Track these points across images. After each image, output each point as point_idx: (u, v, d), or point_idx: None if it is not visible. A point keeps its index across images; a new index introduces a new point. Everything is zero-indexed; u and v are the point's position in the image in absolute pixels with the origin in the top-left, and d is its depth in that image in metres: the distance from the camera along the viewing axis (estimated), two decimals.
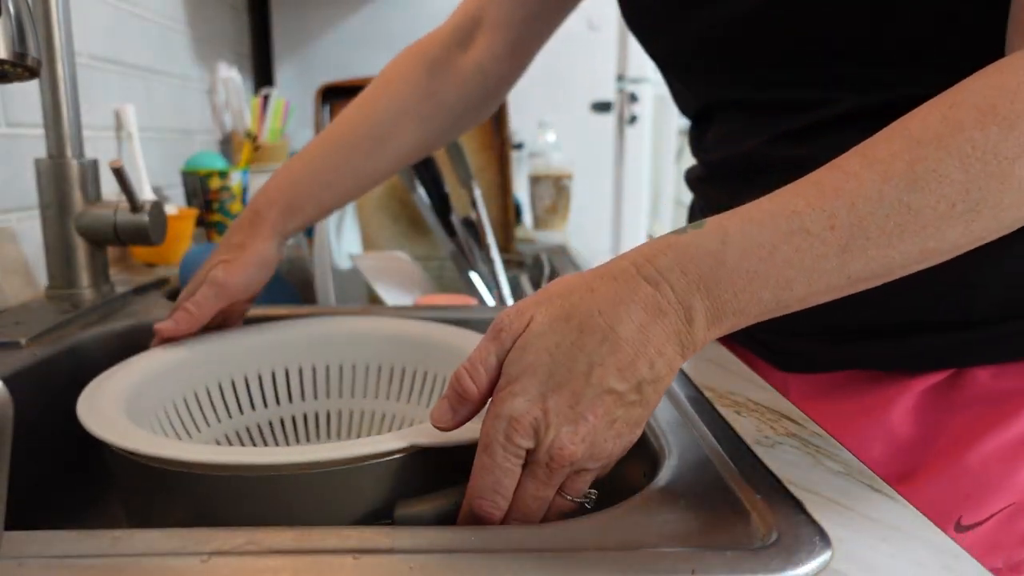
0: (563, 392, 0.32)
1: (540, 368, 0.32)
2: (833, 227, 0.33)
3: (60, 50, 0.63)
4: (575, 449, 0.32)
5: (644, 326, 0.32)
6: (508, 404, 0.33)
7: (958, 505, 0.49)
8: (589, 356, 0.32)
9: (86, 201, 0.66)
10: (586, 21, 1.76)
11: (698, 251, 0.33)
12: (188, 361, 0.52)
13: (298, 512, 0.36)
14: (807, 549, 0.29)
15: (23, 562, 0.28)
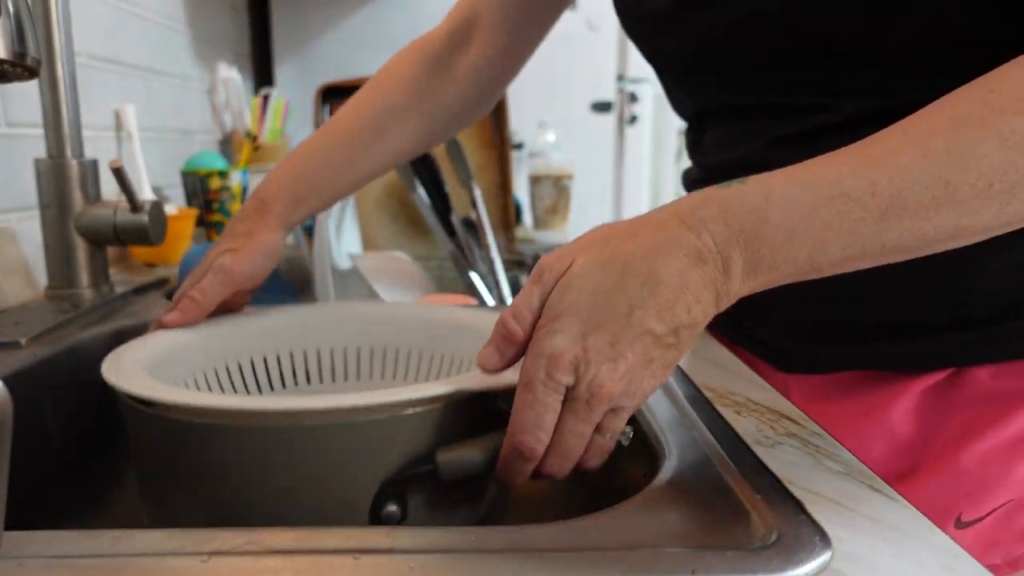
0: (603, 331, 0.33)
1: (581, 308, 0.33)
2: (874, 194, 0.34)
3: (60, 50, 0.63)
4: (614, 386, 0.33)
5: (684, 272, 0.33)
6: (548, 341, 0.33)
7: (958, 502, 0.50)
8: (630, 298, 0.33)
9: (86, 201, 0.66)
10: (586, 21, 1.76)
11: (741, 206, 0.34)
12: (206, 338, 0.52)
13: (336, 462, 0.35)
14: (807, 549, 0.29)
15: (23, 562, 0.28)
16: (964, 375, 0.50)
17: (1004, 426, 0.49)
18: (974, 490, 0.49)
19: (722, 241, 0.34)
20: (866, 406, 0.53)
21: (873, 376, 0.54)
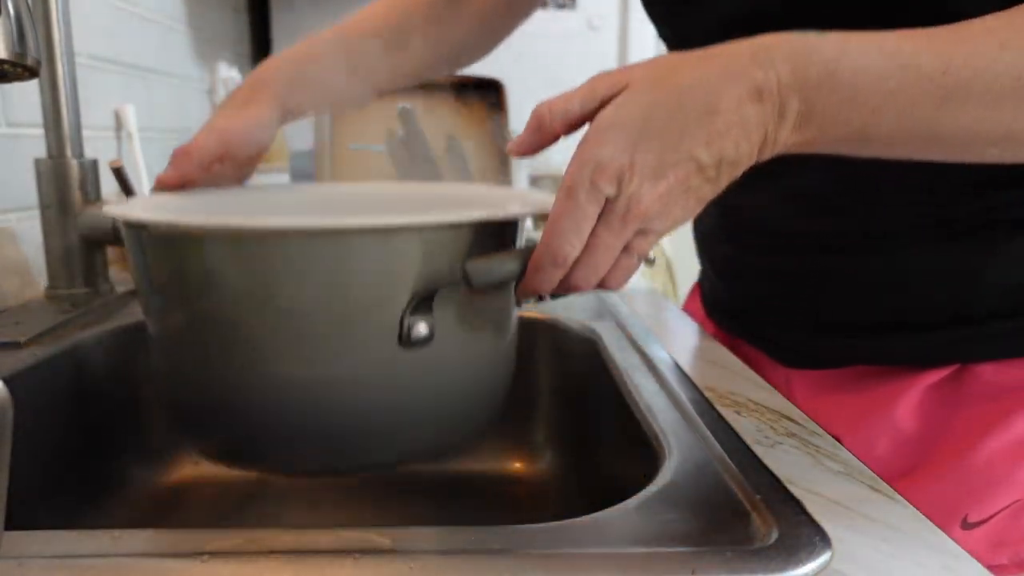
0: (652, 149, 0.33)
1: (634, 123, 0.33)
2: (945, 72, 0.33)
3: (60, 50, 0.63)
4: (651, 205, 0.34)
5: (742, 106, 0.33)
6: (597, 150, 0.33)
7: (964, 502, 0.50)
8: (683, 121, 0.33)
9: (86, 201, 0.66)
10: (586, 21, 1.76)
11: (815, 54, 0.33)
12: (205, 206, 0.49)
13: (360, 281, 0.35)
14: (807, 549, 0.29)
15: (23, 562, 0.28)
16: (968, 371, 0.50)
17: (1010, 425, 0.49)
18: (981, 490, 0.49)
19: (786, 84, 0.33)
20: (870, 402, 0.53)
21: (876, 371, 0.54)
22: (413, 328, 0.35)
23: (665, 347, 0.57)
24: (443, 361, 0.38)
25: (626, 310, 0.68)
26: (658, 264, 2.23)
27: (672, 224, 0.35)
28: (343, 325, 0.35)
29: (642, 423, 0.44)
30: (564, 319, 0.64)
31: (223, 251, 0.35)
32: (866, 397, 0.54)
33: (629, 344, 0.58)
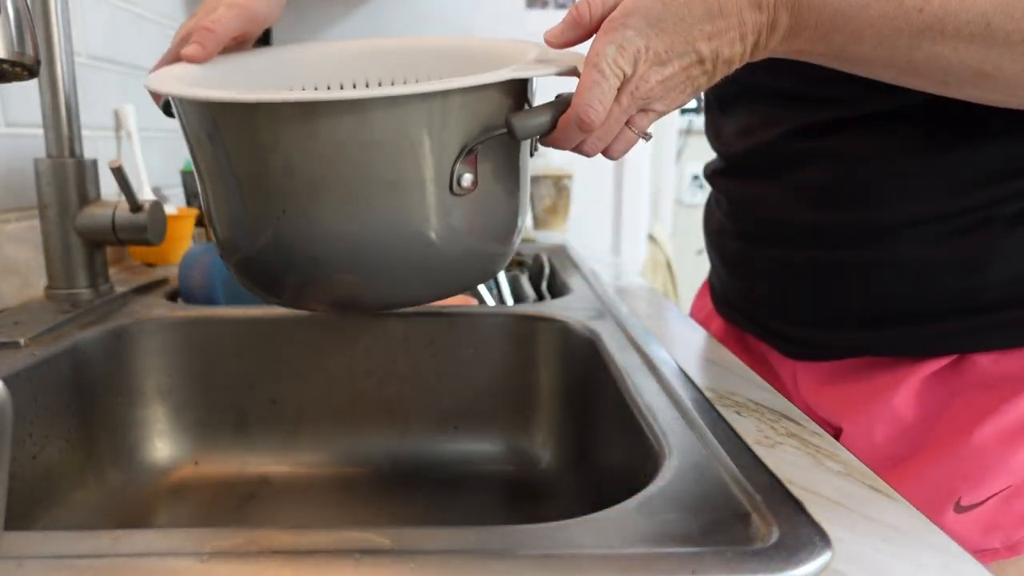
0: (663, 39, 0.39)
1: (652, 13, 0.39)
2: (922, 10, 0.38)
3: (59, 49, 0.63)
4: (656, 87, 0.40)
5: (743, 11, 0.39)
6: (620, 32, 0.39)
7: (957, 486, 0.50)
8: (692, 18, 0.38)
9: (85, 201, 0.66)
10: None
11: None
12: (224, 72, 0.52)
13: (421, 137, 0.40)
14: (807, 550, 0.29)
15: (23, 562, 0.28)
16: (967, 361, 0.51)
17: (1005, 412, 0.49)
18: (974, 474, 0.50)
19: (780, 2, 0.39)
20: (870, 390, 0.54)
21: (879, 362, 0.54)
22: (462, 177, 0.42)
23: (665, 347, 0.57)
24: (479, 206, 0.44)
25: (626, 310, 0.68)
26: (658, 264, 2.23)
27: (670, 106, 0.41)
28: (406, 177, 0.41)
29: (642, 423, 0.44)
30: (564, 319, 0.64)
31: (312, 122, 0.39)
32: (867, 386, 0.54)
33: (629, 344, 0.58)
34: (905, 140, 0.49)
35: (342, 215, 0.42)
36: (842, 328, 0.55)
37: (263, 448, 0.64)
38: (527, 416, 0.65)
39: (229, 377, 0.64)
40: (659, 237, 2.24)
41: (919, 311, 0.51)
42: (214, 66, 0.51)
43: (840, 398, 0.56)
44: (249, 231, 0.44)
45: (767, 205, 0.58)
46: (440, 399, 0.66)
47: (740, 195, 0.62)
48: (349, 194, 0.41)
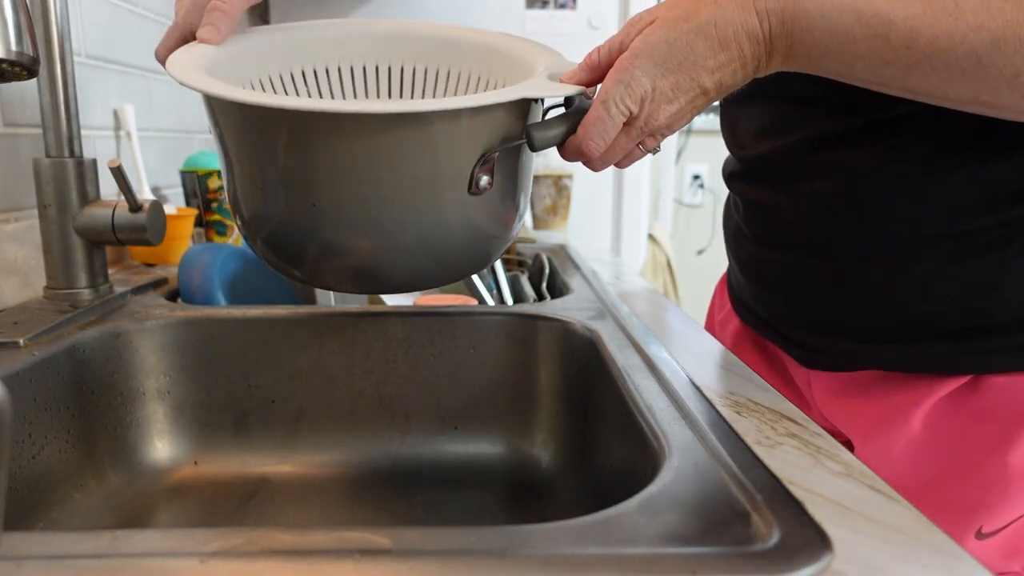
0: (670, 78, 0.42)
1: (658, 54, 0.41)
2: (909, 47, 0.39)
3: (59, 49, 0.63)
4: (663, 121, 0.44)
5: (741, 43, 0.41)
6: (628, 73, 0.42)
7: (979, 515, 0.50)
8: (696, 55, 0.41)
9: (84, 201, 0.65)
10: (586, 21, 1.76)
11: (800, 13, 0.40)
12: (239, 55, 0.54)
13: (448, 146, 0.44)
14: (808, 550, 0.29)
15: (22, 562, 0.28)
16: (983, 383, 0.50)
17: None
18: (996, 502, 0.49)
19: (776, 34, 0.41)
20: (886, 410, 0.53)
21: (894, 377, 0.54)
22: (480, 180, 0.46)
23: (665, 347, 0.57)
24: (492, 201, 0.48)
25: (626, 310, 0.68)
26: (658, 264, 2.23)
27: (676, 130, 0.45)
28: (431, 180, 0.45)
29: (642, 423, 0.44)
30: (565, 319, 0.64)
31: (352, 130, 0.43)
32: (883, 404, 0.54)
33: (629, 344, 0.57)
34: (919, 156, 0.48)
35: (368, 211, 0.45)
36: (855, 340, 0.55)
37: (263, 448, 0.64)
38: (527, 416, 0.65)
39: (229, 377, 0.64)
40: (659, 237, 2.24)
41: (932, 329, 0.51)
42: (226, 45, 0.53)
43: (854, 412, 0.56)
44: (277, 217, 0.48)
45: (780, 212, 0.58)
46: (440, 399, 0.66)
47: (754, 200, 0.62)
48: (377, 194, 0.45)
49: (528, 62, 0.53)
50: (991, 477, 0.49)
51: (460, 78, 0.59)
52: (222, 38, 0.52)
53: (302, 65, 0.58)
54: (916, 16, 0.38)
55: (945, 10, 0.38)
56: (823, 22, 0.40)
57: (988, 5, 0.37)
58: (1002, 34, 0.37)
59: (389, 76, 0.60)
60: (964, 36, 0.38)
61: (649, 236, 2.21)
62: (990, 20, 0.37)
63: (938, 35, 0.38)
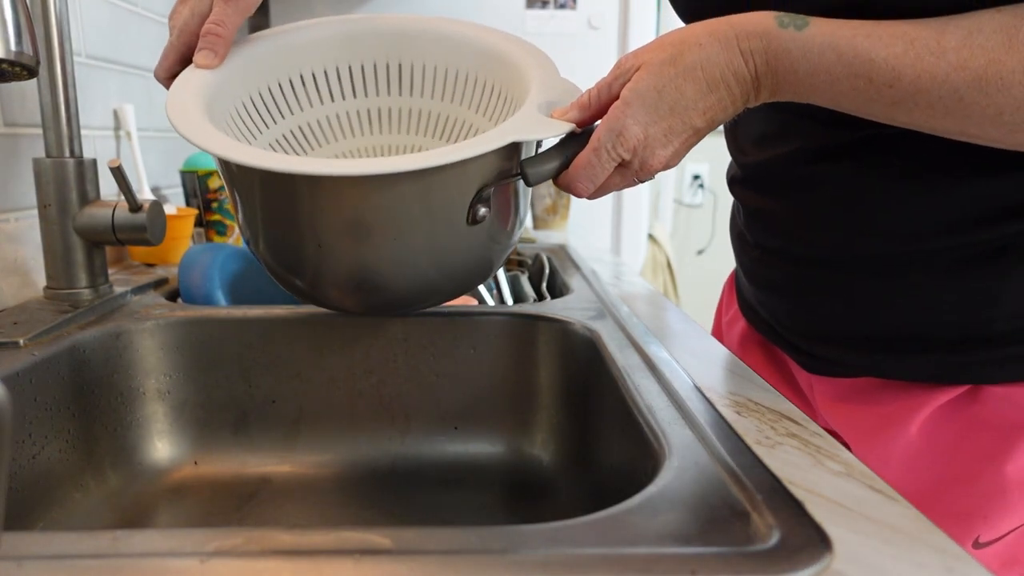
0: (662, 124, 0.43)
1: (648, 101, 0.42)
2: (892, 86, 0.39)
3: (59, 49, 0.63)
4: (659, 164, 0.45)
5: (729, 84, 0.42)
6: (621, 120, 0.43)
7: (976, 525, 0.50)
8: (686, 100, 0.42)
9: (85, 201, 0.65)
10: (586, 21, 1.76)
11: (783, 52, 0.41)
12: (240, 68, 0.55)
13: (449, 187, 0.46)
14: (808, 550, 0.29)
15: (22, 562, 0.28)
16: (981, 392, 0.50)
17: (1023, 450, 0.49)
18: (994, 512, 0.49)
19: (761, 73, 0.42)
20: (885, 417, 0.54)
21: (893, 385, 0.54)
22: (477, 212, 0.48)
23: (665, 347, 0.57)
24: (492, 225, 0.50)
25: (626, 310, 0.68)
26: (658, 264, 2.23)
27: (672, 167, 0.46)
28: (430, 220, 0.48)
29: (642, 423, 0.44)
30: (564, 319, 0.64)
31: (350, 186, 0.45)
32: (881, 411, 0.54)
33: (629, 344, 0.57)
34: (916, 171, 0.48)
35: (370, 251, 0.47)
36: (855, 348, 0.55)
37: (263, 448, 0.64)
38: (527, 416, 0.65)
39: (229, 377, 0.64)
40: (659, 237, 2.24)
41: (931, 339, 0.51)
42: (225, 61, 0.54)
43: (854, 418, 0.56)
44: (284, 256, 0.51)
45: (779, 221, 0.58)
46: (440, 399, 0.66)
47: (755, 207, 0.61)
48: (378, 235, 0.47)
49: (519, 68, 0.54)
50: (988, 487, 0.49)
51: (458, 77, 0.60)
52: (220, 62, 0.53)
53: (301, 70, 0.59)
54: (898, 55, 0.38)
55: (927, 49, 0.38)
56: (805, 62, 0.40)
57: (970, 43, 0.37)
58: (984, 73, 0.37)
59: (388, 73, 0.60)
60: (946, 75, 0.38)
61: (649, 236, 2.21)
62: (972, 59, 0.37)
63: (920, 74, 0.38)
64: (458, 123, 0.61)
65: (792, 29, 0.41)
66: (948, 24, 0.38)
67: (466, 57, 0.58)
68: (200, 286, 0.72)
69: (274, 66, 0.57)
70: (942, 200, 0.47)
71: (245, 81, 0.55)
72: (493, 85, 0.57)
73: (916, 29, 0.39)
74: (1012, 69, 0.37)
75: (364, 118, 0.62)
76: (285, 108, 0.59)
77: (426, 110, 0.61)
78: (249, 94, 0.56)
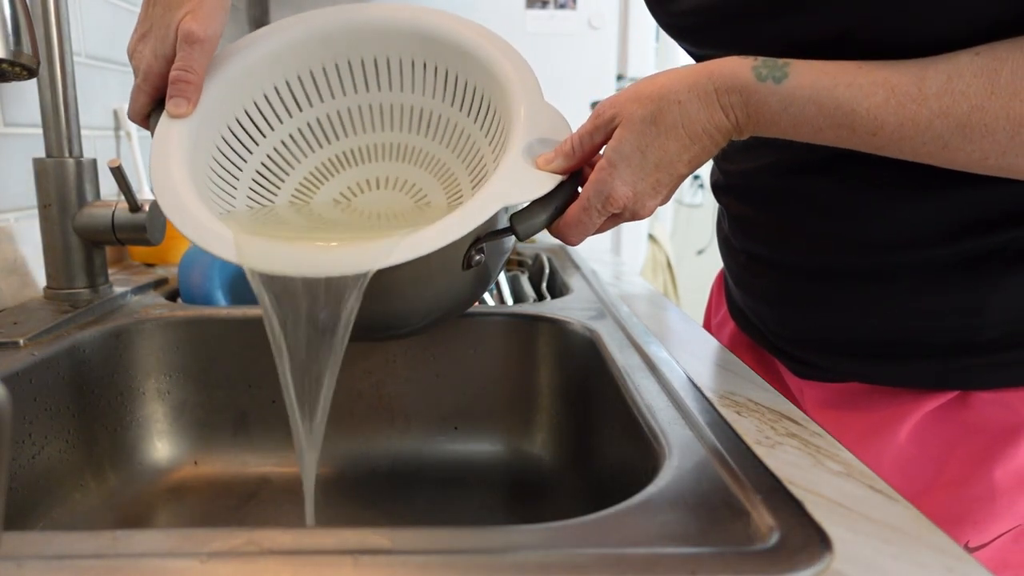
0: (649, 179, 0.44)
1: (634, 162, 0.43)
2: (875, 134, 0.39)
3: (59, 49, 0.63)
4: (650, 211, 0.46)
5: (711, 134, 0.43)
6: (608, 183, 0.44)
7: (965, 530, 0.50)
8: (670, 155, 0.43)
9: (84, 201, 0.65)
10: (586, 21, 1.76)
11: (763, 106, 0.41)
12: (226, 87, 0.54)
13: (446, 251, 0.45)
14: (808, 550, 0.29)
15: (23, 562, 0.28)
16: (970, 399, 0.50)
17: (1012, 455, 0.49)
18: (983, 518, 0.49)
19: (743, 124, 0.42)
20: (874, 423, 0.54)
21: (882, 391, 0.54)
22: (473, 259, 0.50)
23: (665, 347, 0.57)
24: (486, 263, 0.52)
25: (626, 310, 0.68)
26: (658, 264, 2.23)
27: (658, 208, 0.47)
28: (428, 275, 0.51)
29: (642, 423, 0.44)
30: (564, 319, 0.64)
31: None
32: (871, 417, 0.54)
33: (629, 344, 0.58)
34: (899, 182, 0.48)
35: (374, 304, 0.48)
36: (842, 355, 0.55)
37: (263, 448, 0.64)
38: (527, 416, 0.65)
39: (229, 377, 0.64)
40: (659, 237, 2.24)
41: (919, 346, 0.51)
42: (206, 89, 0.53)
43: (843, 424, 0.56)
44: None
45: (761, 229, 0.58)
46: (440, 399, 0.66)
47: (738, 214, 0.61)
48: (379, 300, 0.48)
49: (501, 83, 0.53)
50: (977, 492, 0.49)
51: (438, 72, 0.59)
52: (194, 107, 0.51)
53: (277, 82, 0.57)
54: (879, 104, 0.38)
55: (908, 96, 0.38)
56: (786, 115, 0.41)
57: (951, 89, 0.37)
58: (967, 120, 0.37)
59: (376, 68, 0.59)
60: (929, 122, 0.37)
61: (649, 236, 2.21)
62: (955, 106, 0.37)
63: (903, 122, 0.38)
64: (442, 120, 0.59)
65: (771, 82, 0.41)
66: (927, 69, 0.38)
67: (444, 54, 0.57)
68: (200, 286, 0.72)
69: (252, 83, 0.56)
70: (925, 211, 0.47)
71: (224, 110, 0.54)
72: (475, 87, 0.57)
73: (896, 75, 0.38)
74: (995, 115, 0.36)
75: (347, 118, 0.61)
76: (274, 119, 0.58)
77: (408, 105, 0.60)
78: (233, 118, 0.55)
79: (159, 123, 0.51)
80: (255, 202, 0.57)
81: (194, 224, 0.46)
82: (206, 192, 0.51)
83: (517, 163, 0.47)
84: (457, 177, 0.59)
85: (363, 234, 0.53)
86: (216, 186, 0.53)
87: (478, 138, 0.57)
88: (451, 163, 0.60)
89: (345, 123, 0.61)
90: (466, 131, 0.58)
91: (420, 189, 0.60)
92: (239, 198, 0.55)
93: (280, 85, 0.58)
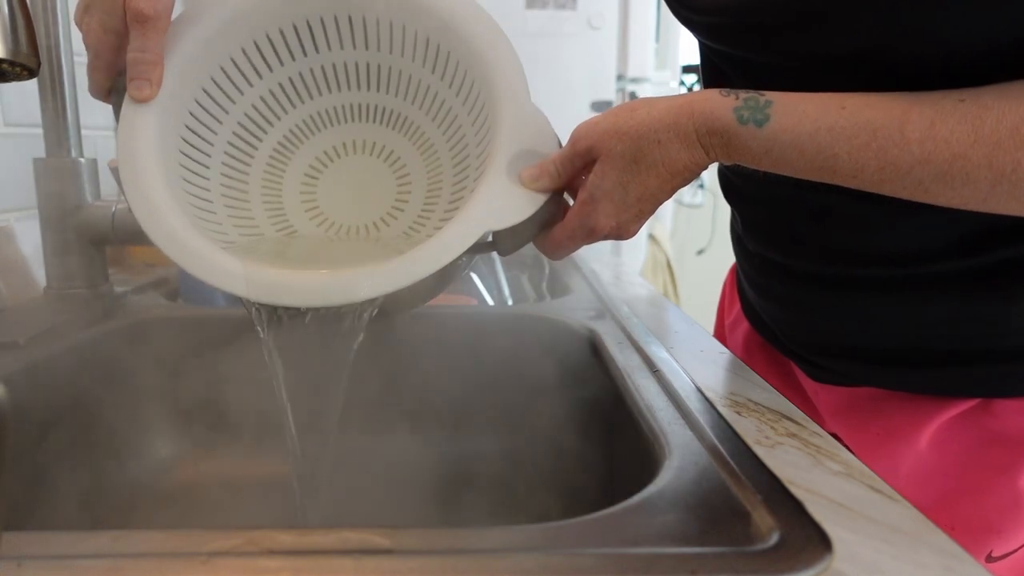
0: (631, 211, 0.45)
1: (615, 197, 0.44)
2: (856, 177, 0.40)
3: (59, 49, 0.63)
4: (634, 234, 0.47)
5: (691, 169, 0.44)
6: (593, 217, 0.45)
7: (989, 540, 0.49)
8: (651, 190, 0.44)
9: (84, 201, 0.65)
10: (586, 21, 1.76)
11: (744, 149, 0.42)
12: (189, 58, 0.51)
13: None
14: (808, 550, 0.29)
15: (23, 562, 0.28)
16: (992, 406, 0.50)
17: None
18: (1006, 527, 0.49)
19: (723, 159, 0.43)
20: (893, 429, 0.53)
21: (900, 396, 0.53)
22: (458, 266, 0.50)
23: (665, 347, 0.57)
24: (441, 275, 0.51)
25: (626, 310, 0.68)
26: (658, 264, 2.23)
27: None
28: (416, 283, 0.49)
29: (642, 423, 0.44)
30: (564, 319, 0.64)
31: None
32: (888, 423, 0.54)
33: (629, 344, 0.58)
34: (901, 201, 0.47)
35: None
36: (857, 361, 0.54)
37: (263, 448, 0.64)
38: (527, 416, 0.65)
39: (229, 377, 0.64)
40: (659, 237, 2.24)
41: (934, 353, 0.51)
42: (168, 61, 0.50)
43: (860, 428, 0.55)
44: None
45: (775, 236, 0.57)
46: (440, 399, 0.66)
47: (751, 219, 0.61)
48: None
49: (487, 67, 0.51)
50: (1001, 501, 0.49)
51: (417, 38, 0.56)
52: (158, 88, 0.49)
53: (245, 44, 0.54)
54: (860, 148, 0.38)
55: (891, 141, 0.37)
56: (767, 158, 0.41)
57: (934, 135, 0.36)
58: (949, 169, 0.36)
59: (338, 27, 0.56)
60: (910, 167, 0.37)
61: (649, 236, 2.21)
62: (936, 152, 0.36)
63: (884, 166, 0.38)
64: (421, 86, 0.57)
65: (752, 126, 0.40)
66: (911, 112, 0.37)
67: (425, 21, 0.54)
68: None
69: (217, 50, 0.53)
70: (935, 225, 0.47)
71: (190, 81, 0.52)
72: (449, 53, 0.54)
73: (880, 116, 0.38)
74: (977, 164, 0.36)
75: (320, 75, 0.58)
76: (243, 83, 0.55)
77: (386, 65, 0.58)
78: (200, 89, 0.53)
79: (122, 114, 0.49)
80: (229, 177, 0.55)
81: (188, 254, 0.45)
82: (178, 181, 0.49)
83: (502, 183, 0.47)
84: (435, 144, 0.58)
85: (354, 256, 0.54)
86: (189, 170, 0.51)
87: (460, 112, 0.56)
88: (428, 129, 0.58)
89: (319, 81, 0.58)
90: (447, 102, 0.57)
91: (399, 158, 0.59)
92: (213, 168, 0.54)
93: (248, 46, 0.54)
